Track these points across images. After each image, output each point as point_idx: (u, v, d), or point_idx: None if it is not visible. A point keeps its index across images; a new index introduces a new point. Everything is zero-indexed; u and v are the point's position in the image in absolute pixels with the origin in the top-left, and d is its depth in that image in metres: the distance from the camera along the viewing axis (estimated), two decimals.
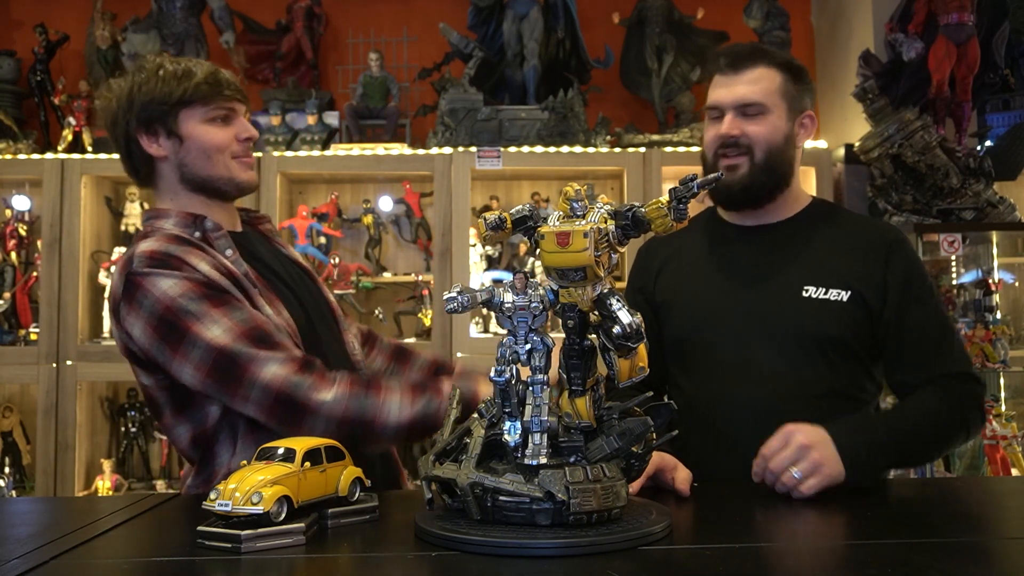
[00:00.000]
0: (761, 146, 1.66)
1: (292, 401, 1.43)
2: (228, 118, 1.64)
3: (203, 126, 1.61)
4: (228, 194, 1.66)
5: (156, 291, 1.48)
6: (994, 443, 2.81)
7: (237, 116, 1.66)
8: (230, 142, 1.63)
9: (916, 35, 3.09)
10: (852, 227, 1.72)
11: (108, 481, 3.19)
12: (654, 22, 3.51)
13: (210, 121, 1.62)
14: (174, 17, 3.28)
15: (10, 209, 3.36)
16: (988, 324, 2.96)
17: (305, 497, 1.11)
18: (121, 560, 1.06)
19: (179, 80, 1.59)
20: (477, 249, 3.28)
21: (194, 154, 1.62)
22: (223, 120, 1.63)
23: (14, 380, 3.31)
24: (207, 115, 1.61)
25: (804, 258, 1.68)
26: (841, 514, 1.28)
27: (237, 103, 1.65)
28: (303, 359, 1.47)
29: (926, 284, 1.66)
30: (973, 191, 3.04)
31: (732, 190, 1.69)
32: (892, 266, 1.63)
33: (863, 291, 1.61)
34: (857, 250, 1.66)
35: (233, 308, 1.49)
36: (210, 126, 1.62)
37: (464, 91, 3.31)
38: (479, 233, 1.20)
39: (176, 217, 1.63)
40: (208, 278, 1.50)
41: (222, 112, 1.62)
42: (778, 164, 1.68)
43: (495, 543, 1.01)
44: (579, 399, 1.12)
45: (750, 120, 1.66)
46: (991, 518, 1.34)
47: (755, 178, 1.67)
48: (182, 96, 1.59)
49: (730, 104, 1.67)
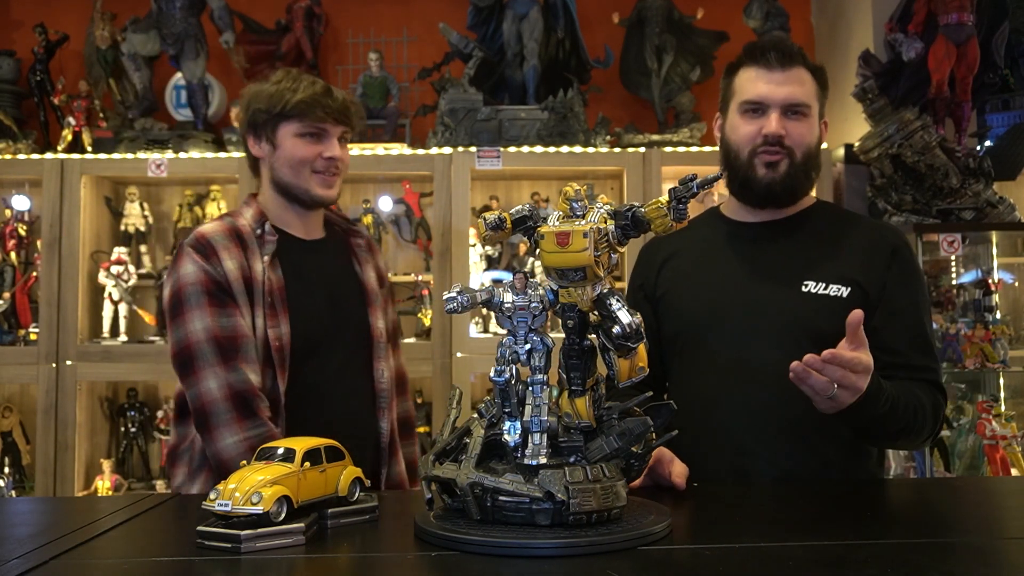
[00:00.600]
0: (802, 148, 1.67)
1: (206, 421, 1.66)
2: (319, 136, 1.81)
3: (294, 139, 1.81)
4: (304, 203, 1.85)
5: (181, 269, 1.74)
6: (994, 443, 2.81)
7: (329, 136, 1.82)
8: (314, 158, 1.81)
9: (916, 35, 3.08)
10: (855, 226, 1.73)
11: (108, 481, 3.19)
12: (654, 22, 3.51)
13: (301, 136, 1.80)
14: (174, 17, 3.27)
15: (10, 209, 3.36)
16: (988, 324, 2.97)
17: (305, 497, 1.11)
18: (121, 560, 1.06)
19: (283, 94, 1.80)
20: (477, 249, 3.28)
21: (282, 161, 1.82)
22: (314, 137, 1.81)
23: (14, 380, 3.31)
24: (300, 130, 1.80)
25: (805, 254, 1.68)
26: (841, 514, 1.28)
27: (332, 125, 1.81)
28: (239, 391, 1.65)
29: (921, 292, 1.67)
30: (973, 191, 3.04)
31: (774, 188, 1.67)
32: (893, 269, 1.64)
33: (864, 287, 1.62)
34: (860, 248, 1.66)
35: (223, 313, 1.70)
36: (300, 140, 1.81)
37: (464, 91, 3.31)
38: (479, 233, 1.20)
39: (254, 209, 1.85)
40: (224, 277, 1.71)
41: (314, 129, 1.80)
42: (812, 166, 1.70)
43: (495, 543, 1.01)
44: (579, 399, 1.12)
45: (794, 120, 1.66)
46: (991, 518, 1.34)
47: (794, 178, 1.68)
48: (282, 109, 1.79)
49: (779, 102, 1.65)
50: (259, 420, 1.65)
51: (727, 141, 1.74)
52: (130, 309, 3.28)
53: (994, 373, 3.03)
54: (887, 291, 1.62)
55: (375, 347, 1.87)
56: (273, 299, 1.74)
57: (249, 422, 1.65)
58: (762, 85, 1.66)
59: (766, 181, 1.67)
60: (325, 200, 1.85)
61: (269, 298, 1.73)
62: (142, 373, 3.23)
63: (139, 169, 3.24)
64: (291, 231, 1.86)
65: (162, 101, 3.60)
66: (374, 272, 1.95)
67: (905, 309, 1.62)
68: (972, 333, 2.95)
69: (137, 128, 3.38)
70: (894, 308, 1.62)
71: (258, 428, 1.64)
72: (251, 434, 1.64)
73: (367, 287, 1.91)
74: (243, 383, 1.66)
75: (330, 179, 1.83)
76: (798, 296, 1.62)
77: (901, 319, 1.61)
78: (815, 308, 1.60)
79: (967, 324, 2.98)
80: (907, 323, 1.62)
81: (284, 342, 1.72)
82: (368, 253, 1.96)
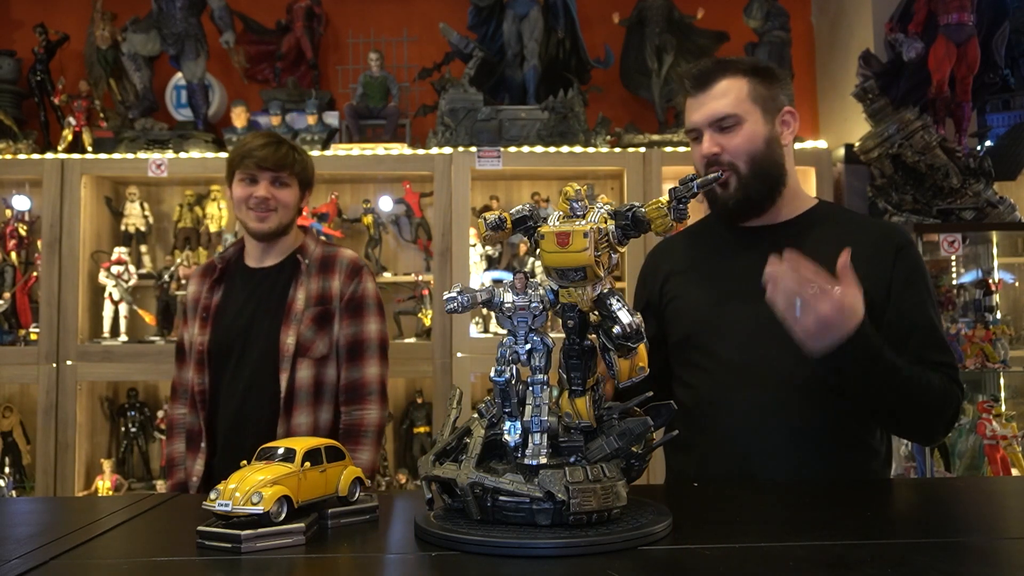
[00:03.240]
0: (743, 157, 1.66)
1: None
2: (252, 181, 2.21)
3: (236, 183, 2.23)
4: (252, 234, 2.25)
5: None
6: (994, 443, 2.81)
7: (258, 181, 2.21)
8: (247, 197, 2.21)
9: (916, 35, 3.09)
10: (858, 227, 1.71)
11: (108, 481, 3.19)
12: (654, 22, 3.51)
13: (240, 180, 2.22)
14: (174, 17, 3.27)
15: (10, 209, 3.36)
16: (988, 324, 2.97)
17: (305, 497, 1.11)
18: (121, 560, 1.06)
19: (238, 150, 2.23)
20: (477, 249, 3.28)
21: (233, 203, 2.27)
22: (247, 181, 2.21)
23: (14, 380, 3.31)
24: (239, 176, 2.22)
25: (808, 257, 1.67)
26: (841, 514, 1.28)
27: (258, 171, 2.20)
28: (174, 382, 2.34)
29: (928, 290, 1.65)
30: (973, 191, 3.04)
31: (728, 205, 1.69)
32: (898, 268, 1.62)
33: (868, 290, 1.60)
34: (864, 249, 1.63)
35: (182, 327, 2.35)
36: (239, 184, 2.22)
37: (464, 91, 3.31)
38: (479, 233, 1.20)
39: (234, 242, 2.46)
40: (186, 300, 2.35)
41: (245, 176, 2.22)
42: (767, 168, 1.68)
43: (495, 543, 1.01)
44: (579, 399, 1.12)
45: (727, 134, 1.66)
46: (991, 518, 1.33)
47: (748, 189, 1.67)
48: (230, 162, 2.25)
49: (704, 122, 1.67)
50: (172, 404, 2.33)
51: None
52: (130, 309, 3.28)
53: (994, 373, 3.03)
54: (893, 291, 1.61)
55: (280, 359, 2.15)
56: (207, 314, 2.23)
57: (170, 404, 2.35)
58: (690, 113, 1.71)
59: (722, 200, 1.69)
60: (258, 232, 2.22)
61: (204, 313, 2.23)
62: (142, 373, 3.23)
63: (139, 169, 3.24)
64: (249, 261, 2.29)
65: (162, 101, 3.60)
66: (305, 293, 2.20)
67: (913, 308, 1.61)
68: (972, 333, 2.95)
69: (137, 128, 3.38)
70: (902, 308, 1.61)
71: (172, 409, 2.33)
72: (167, 411, 2.40)
73: (289, 306, 2.19)
74: (179, 377, 2.32)
75: (262, 215, 2.20)
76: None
77: (910, 318, 1.60)
78: None
79: (967, 324, 2.98)
80: (916, 322, 1.61)
81: (204, 347, 2.21)
82: (312, 275, 2.23)
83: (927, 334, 1.61)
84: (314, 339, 2.18)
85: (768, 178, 1.68)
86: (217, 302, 2.24)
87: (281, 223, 2.22)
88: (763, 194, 1.69)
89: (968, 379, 3.02)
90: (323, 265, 2.25)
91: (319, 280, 2.23)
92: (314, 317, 2.18)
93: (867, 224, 1.75)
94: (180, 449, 2.26)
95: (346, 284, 2.23)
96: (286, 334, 2.16)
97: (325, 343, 2.19)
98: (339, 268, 2.24)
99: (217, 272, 2.27)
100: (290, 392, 2.14)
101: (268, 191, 2.20)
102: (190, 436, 2.22)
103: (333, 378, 2.21)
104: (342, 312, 2.21)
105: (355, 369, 2.20)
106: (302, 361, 2.16)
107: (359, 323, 2.22)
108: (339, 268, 2.24)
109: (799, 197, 1.75)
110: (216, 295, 2.25)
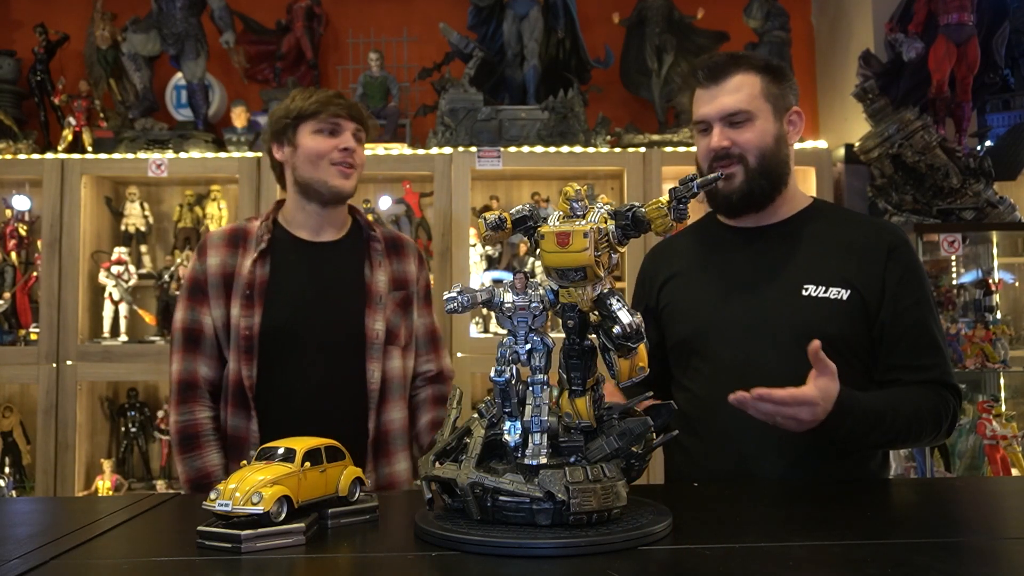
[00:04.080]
0: (753, 152, 1.66)
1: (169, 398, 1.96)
2: (334, 131, 1.95)
3: (311, 136, 1.95)
4: (323, 197, 1.96)
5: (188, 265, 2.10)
6: (994, 443, 2.81)
7: (343, 130, 1.96)
8: (330, 150, 1.94)
9: (916, 35, 3.09)
10: (852, 226, 1.71)
11: (108, 481, 3.19)
12: (654, 22, 3.51)
13: (318, 132, 1.95)
14: (174, 17, 3.27)
15: (10, 209, 3.36)
16: (988, 324, 2.97)
17: (305, 497, 1.11)
18: (121, 560, 1.06)
19: (299, 101, 1.96)
20: (477, 249, 3.28)
21: (302, 158, 1.97)
22: (329, 132, 1.95)
23: (14, 380, 3.31)
24: (316, 127, 1.95)
25: (803, 257, 1.67)
26: (841, 514, 1.28)
27: (345, 120, 1.95)
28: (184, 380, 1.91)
29: (923, 290, 1.65)
30: (973, 191, 3.04)
31: (732, 199, 1.69)
32: (891, 268, 1.63)
33: (862, 290, 1.61)
34: (857, 249, 1.65)
35: (193, 308, 1.95)
36: (317, 136, 1.95)
37: (464, 91, 3.31)
38: (479, 233, 1.21)
39: (268, 211, 2.04)
40: (203, 274, 1.95)
41: (328, 125, 1.95)
42: (773, 166, 1.68)
43: (495, 543, 1.01)
44: (579, 399, 1.12)
45: (738, 129, 1.66)
46: (991, 518, 1.34)
47: (752, 184, 1.67)
48: (299, 112, 1.95)
49: (715, 116, 1.67)
50: (188, 408, 1.90)
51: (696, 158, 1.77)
52: (130, 309, 3.28)
53: (994, 373, 3.03)
54: (887, 292, 1.62)
55: (368, 347, 1.92)
56: (252, 292, 1.90)
57: (183, 407, 1.91)
58: (700, 104, 1.70)
59: (724, 193, 1.68)
60: (342, 191, 1.96)
61: (248, 290, 1.90)
62: (142, 373, 3.23)
63: (139, 169, 3.24)
64: (299, 232, 2.01)
65: (162, 101, 3.60)
66: (386, 275, 2.00)
67: (907, 309, 1.61)
68: (972, 333, 2.95)
69: (137, 128, 3.38)
70: (896, 309, 1.61)
71: (185, 416, 1.90)
72: (180, 419, 1.90)
73: (369, 288, 1.96)
74: (190, 373, 1.92)
75: (347, 171, 1.95)
76: (798, 300, 1.62)
77: (903, 320, 1.61)
78: (816, 312, 1.60)
79: (967, 324, 2.98)
80: (909, 323, 1.61)
81: (253, 331, 1.88)
82: (384, 256, 2.02)
83: (918, 335, 1.62)
84: (399, 326, 1.99)
85: (773, 176, 1.68)
86: (267, 277, 1.92)
87: (357, 185, 2.00)
88: (766, 191, 1.69)
89: (968, 379, 3.02)
90: (394, 246, 2.06)
91: (393, 262, 2.04)
92: (398, 302, 2.01)
93: (861, 223, 1.75)
94: (216, 462, 1.87)
95: (420, 269, 2.09)
96: (372, 319, 1.93)
97: (407, 331, 2.02)
98: (410, 251, 2.09)
99: (265, 243, 1.95)
100: (383, 384, 1.93)
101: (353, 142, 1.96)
102: (233, 444, 1.89)
103: (411, 370, 2.05)
104: (419, 299, 2.07)
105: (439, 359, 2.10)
106: (391, 350, 1.96)
107: (432, 313, 2.11)
108: (410, 251, 2.09)
109: (796, 197, 1.76)
110: (262, 269, 1.93)
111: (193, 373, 1.92)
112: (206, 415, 1.91)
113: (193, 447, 1.88)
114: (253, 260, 1.92)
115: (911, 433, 1.56)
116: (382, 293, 1.97)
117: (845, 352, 1.59)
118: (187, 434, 1.88)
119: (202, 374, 1.92)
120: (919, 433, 1.57)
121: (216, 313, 1.93)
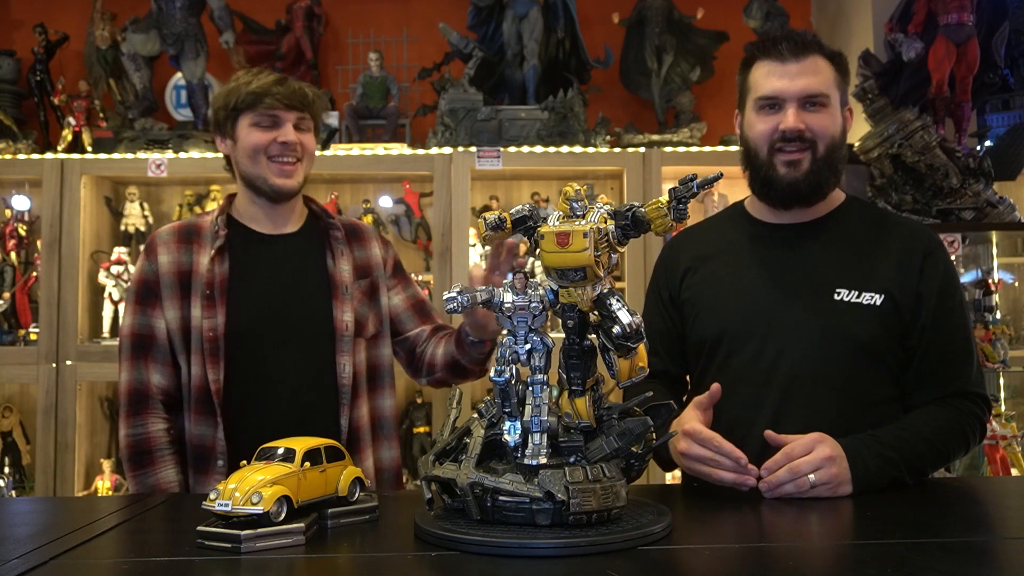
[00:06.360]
0: (825, 140, 1.59)
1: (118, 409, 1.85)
2: (273, 123, 1.83)
3: (248, 129, 1.84)
4: (266, 194, 1.87)
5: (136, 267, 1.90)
6: (994, 443, 2.81)
7: (282, 122, 1.83)
8: (268, 143, 1.82)
9: (916, 35, 3.08)
10: (888, 228, 1.65)
11: (108, 481, 3.19)
12: (654, 22, 3.51)
13: (255, 125, 1.83)
14: (174, 17, 3.27)
15: (10, 209, 3.36)
16: (988, 324, 2.96)
17: (305, 497, 1.11)
18: (121, 560, 1.06)
19: (238, 89, 1.84)
20: (477, 249, 3.28)
21: (241, 153, 1.86)
22: (267, 125, 1.83)
23: (14, 380, 3.31)
24: (253, 119, 1.83)
25: (837, 259, 1.61)
26: (841, 514, 1.28)
27: (283, 111, 1.82)
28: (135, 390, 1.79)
29: (958, 296, 1.61)
30: (973, 191, 3.04)
31: (797, 187, 1.60)
32: (927, 275, 1.57)
33: (896, 296, 1.55)
34: (892, 253, 1.59)
35: (144, 311, 1.83)
36: (254, 129, 1.83)
37: (464, 91, 3.31)
38: (479, 233, 1.20)
39: (220, 206, 1.92)
40: (154, 274, 1.83)
41: (265, 117, 1.82)
42: (837, 159, 1.61)
43: (495, 543, 1.01)
44: (579, 399, 1.12)
45: (813, 112, 1.58)
46: (991, 518, 1.34)
47: (819, 174, 1.60)
48: (236, 103, 1.83)
49: (795, 95, 1.57)
50: (140, 420, 1.78)
51: (745, 139, 1.67)
52: None
53: (994, 373, 3.03)
54: (926, 300, 1.56)
55: (338, 340, 1.84)
56: (212, 291, 1.80)
57: (134, 420, 1.78)
58: (776, 79, 1.59)
59: (788, 180, 1.60)
60: (283, 189, 1.85)
61: (208, 290, 1.79)
62: None
63: (139, 169, 3.24)
64: (254, 226, 1.91)
65: (162, 101, 3.60)
66: (349, 264, 1.91)
67: (939, 318, 1.56)
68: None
69: (137, 128, 3.38)
70: (937, 322, 1.56)
71: (136, 429, 1.78)
72: (131, 432, 1.78)
73: (334, 279, 1.88)
74: (141, 383, 1.80)
75: (287, 167, 1.84)
76: (830, 305, 1.56)
77: (936, 329, 1.56)
78: (848, 317, 1.55)
79: None
80: (942, 332, 1.56)
81: (218, 332, 1.78)
82: (346, 245, 1.93)
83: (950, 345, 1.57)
84: (367, 316, 1.91)
85: (834, 169, 1.62)
86: (227, 275, 1.82)
87: (306, 176, 1.89)
88: (827, 183, 1.62)
89: None
90: (353, 233, 1.98)
91: (355, 249, 1.95)
92: (364, 291, 1.92)
93: (896, 225, 1.68)
94: (171, 478, 1.75)
95: (384, 250, 2.01)
96: (340, 311, 1.85)
97: (376, 320, 1.93)
98: (370, 235, 2.00)
99: (222, 239, 1.84)
100: (354, 378, 1.85)
101: (292, 135, 1.84)
102: (197, 455, 1.77)
103: (389, 360, 1.96)
104: (390, 279, 1.99)
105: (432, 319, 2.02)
106: (359, 342, 1.88)
107: (411, 285, 2.03)
108: (370, 235, 2.00)
109: (834, 195, 1.70)
110: (221, 266, 1.82)
111: (144, 382, 1.79)
112: (160, 428, 1.78)
113: (145, 463, 1.75)
114: (211, 257, 1.81)
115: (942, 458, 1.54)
116: (347, 283, 1.89)
117: (875, 359, 1.55)
118: (139, 449, 1.76)
119: (154, 383, 1.79)
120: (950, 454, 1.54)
121: (171, 315, 1.80)
